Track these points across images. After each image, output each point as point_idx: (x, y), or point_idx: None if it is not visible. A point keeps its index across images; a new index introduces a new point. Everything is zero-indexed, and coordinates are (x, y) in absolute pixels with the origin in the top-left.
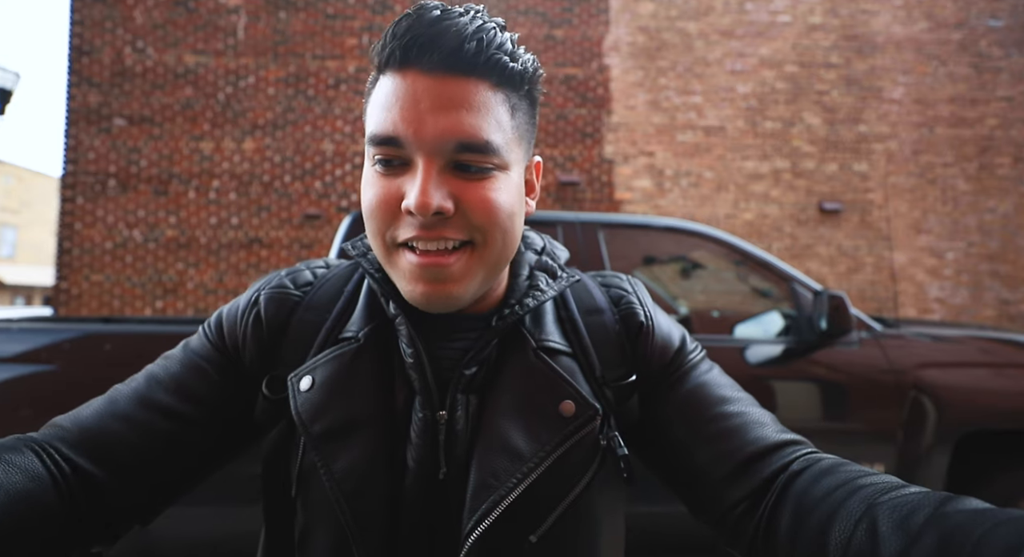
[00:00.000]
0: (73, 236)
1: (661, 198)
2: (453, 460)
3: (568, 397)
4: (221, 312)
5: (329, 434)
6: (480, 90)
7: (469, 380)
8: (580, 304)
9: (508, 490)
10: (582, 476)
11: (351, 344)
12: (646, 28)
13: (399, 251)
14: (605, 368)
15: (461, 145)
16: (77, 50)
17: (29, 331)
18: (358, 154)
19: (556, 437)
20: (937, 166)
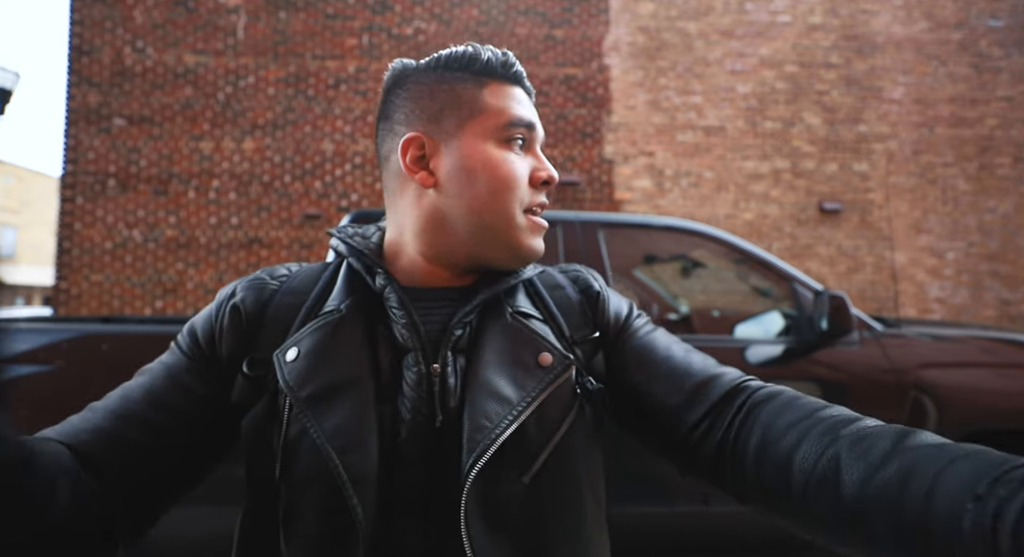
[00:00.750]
0: (73, 236)
1: (661, 198)
2: (447, 411)
3: (545, 350)
4: (192, 322)
5: (317, 396)
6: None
7: (456, 340)
8: (544, 282)
9: (502, 429)
10: (563, 419)
11: (333, 315)
12: (646, 28)
13: (527, 215)
14: (572, 329)
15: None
16: (77, 50)
17: (27, 331)
18: (358, 154)
19: (539, 384)
20: (937, 166)
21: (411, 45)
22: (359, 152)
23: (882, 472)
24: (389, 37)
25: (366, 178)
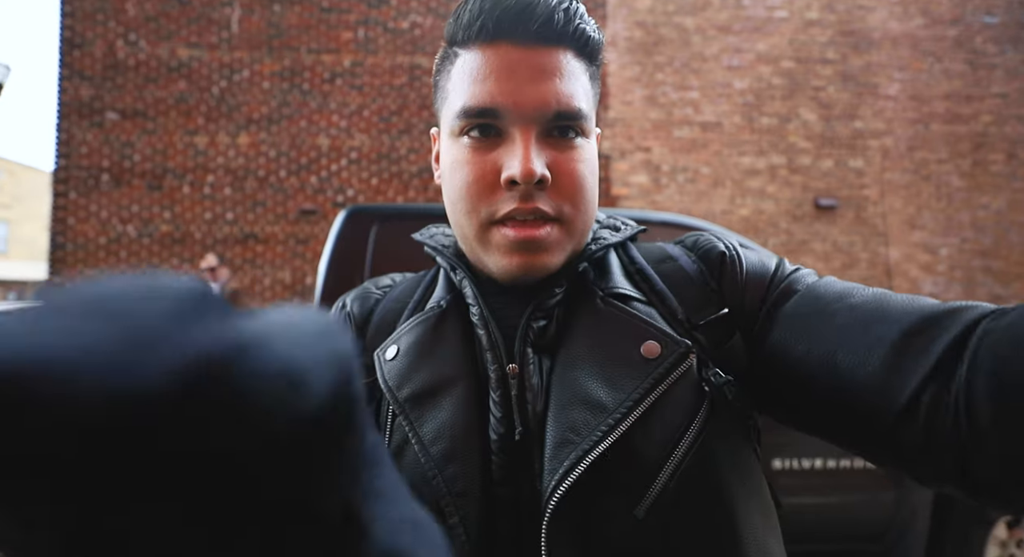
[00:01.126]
0: (66, 231)
1: (658, 193)
2: (529, 419)
3: (650, 337)
4: None
5: (416, 397)
6: (569, 59)
7: (539, 334)
8: (648, 256)
9: (592, 444)
10: (688, 427)
11: (434, 311)
12: (643, 23)
13: (494, 228)
14: (689, 311)
15: (559, 114)
16: (68, 43)
17: None
18: (354, 149)
19: (643, 383)
20: (932, 162)
21: (407, 39)
22: (355, 147)
23: None
24: (385, 31)
25: (362, 173)
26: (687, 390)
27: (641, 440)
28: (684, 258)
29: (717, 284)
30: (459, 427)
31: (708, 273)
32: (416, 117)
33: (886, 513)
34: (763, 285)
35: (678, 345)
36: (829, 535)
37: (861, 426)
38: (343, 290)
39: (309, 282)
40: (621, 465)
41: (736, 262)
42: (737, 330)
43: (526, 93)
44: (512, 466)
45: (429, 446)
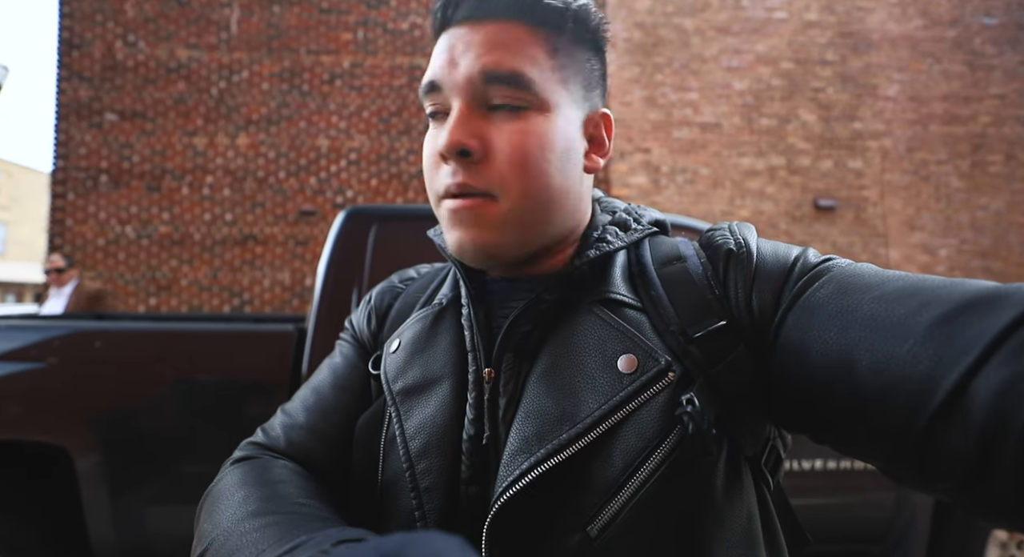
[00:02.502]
0: (64, 232)
1: (657, 195)
2: (498, 423)
3: (629, 351)
4: (349, 318)
5: (407, 392)
6: (513, 29)
7: (521, 339)
8: (657, 256)
9: (546, 454)
10: (653, 451)
11: (435, 307)
12: (642, 24)
13: (441, 203)
14: (686, 321)
15: (489, 75)
16: (67, 43)
17: (19, 328)
18: (353, 150)
19: (612, 398)
20: (931, 163)
21: (406, 40)
22: (354, 148)
23: None
24: (384, 32)
25: (361, 174)
26: (660, 410)
27: (601, 457)
28: (693, 259)
29: (721, 289)
30: (438, 425)
31: (712, 276)
32: (415, 118)
33: (887, 514)
34: (778, 282)
35: (656, 362)
36: (830, 536)
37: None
38: (342, 292)
39: (308, 283)
40: (576, 480)
41: (744, 259)
42: (741, 342)
43: (459, 64)
44: (479, 467)
45: (409, 441)
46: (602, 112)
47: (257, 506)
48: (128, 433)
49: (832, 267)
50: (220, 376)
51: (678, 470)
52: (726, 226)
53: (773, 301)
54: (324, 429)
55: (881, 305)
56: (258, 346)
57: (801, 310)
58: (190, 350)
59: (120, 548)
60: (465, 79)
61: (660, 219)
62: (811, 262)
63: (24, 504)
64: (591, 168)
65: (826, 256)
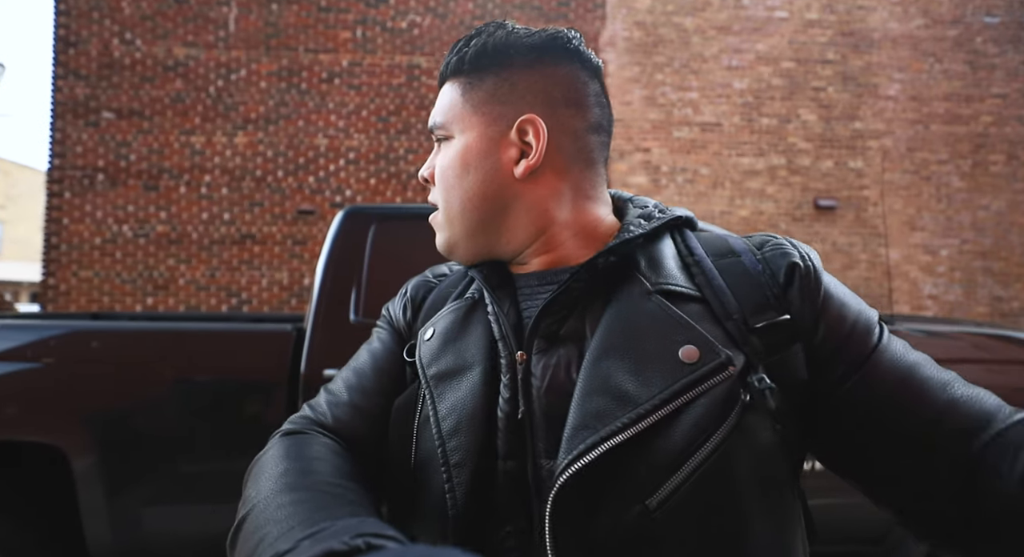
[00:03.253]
0: (61, 231)
1: (657, 194)
2: (532, 402)
3: (690, 342)
4: (386, 306)
5: (440, 377)
6: (445, 89)
7: (552, 324)
8: (710, 250)
9: (611, 432)
10: (711, 433)
11: (467, 300)
12: (642, 23)
13: None
14: (747, 310)
15: (430, 128)
16: (63, 41)
17: (14, 328)
18: (352, 149)
19: (674, 384)
20: (932, 163)
21: (406, 38)
22: (353, 147)
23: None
24: (383, 30)
25: (360, 174)
26: (718, 398)
27: (662, 438)
28: (748, 255)
29: (782, 290)
30: (467, 406)
31: (772, 276)
32: (414, 117)
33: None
34: (846, 328)
35: (717, 355)
36: (830, 537)
37: (905, 501)
38: (341, 291)
39: (307, 283)
40: (638, 458)
41: (812, 277)
42: (799, 341)
43: None
44: (514, 443)
45: (441, 421)
46: (526, 117)
47: (294, 479)
48: (125, 433)
49: (892, 338)
50: (218, 376)
51: (734, 453)
52: (779, 237)
53: (840, 339)
54: (366, 407)
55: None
56: (256, 346)
57: (871, 386)
58: (188, 350)
59: (116, 549)
60: (432, 121)
61: (688, 215)
62: (872, 325)
63: (20, 505)
64: (524, 173)
65: (880, 322)
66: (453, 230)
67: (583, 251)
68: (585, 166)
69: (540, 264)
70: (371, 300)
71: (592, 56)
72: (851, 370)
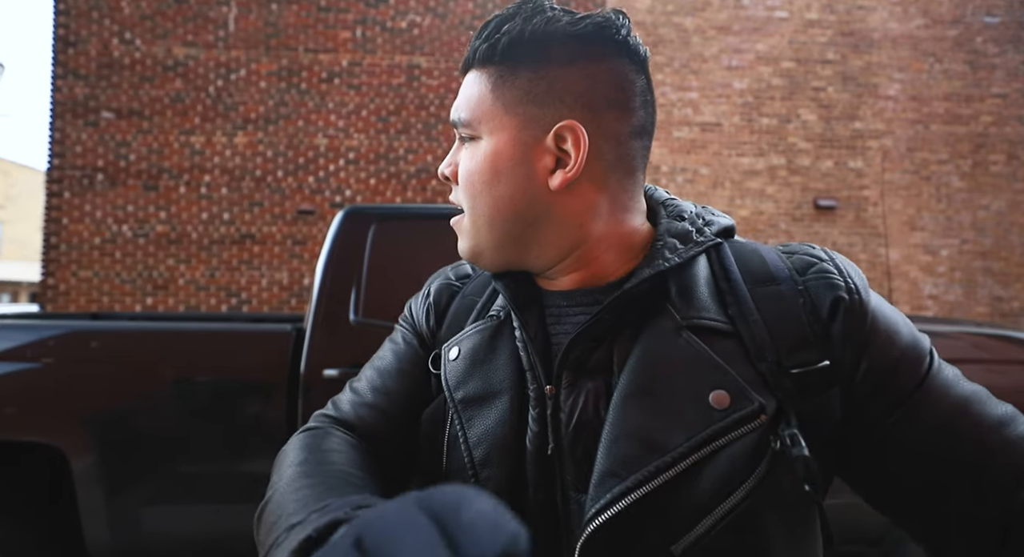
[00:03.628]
0: (60, 231)
1: None
2: (562, 438)
3: (721, 386)
4: (409, 304)
5: (468, 401)
6: (471, 77)
7: (580, 355)
8: (748, 274)
9: (638, 482)
10: (741, 482)
11: (493, 320)
12: (642, 23)
13: None
14: (782, 352)
15: (453, 123)
16: (62, 41)
17: (14, 328)
18: (352, 149)
19: (703, 431)
20: (932, 163)
21: (405, 38)
22: (353, 147)
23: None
24: (383, 30)
25: (360, 174)
26: (748, 447)
27: (689, 486)
28: (789, 283)
29: (824, 328)
30: (499, 437)
31: (814, 311)
32: (414, 117)
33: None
34: (893, 361)
35: (750, 402)
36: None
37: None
38: (341, 291)
39: (306, 283)
40: (665, 504)
41: (859, 311)
42: (837, 385)
43: None
44: (544, 476)
45: (473, 448)
46: (566, 123)
47: (311, 468)
48: (124, 433)
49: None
50: (218, 376)
51: (763, 500)
52: (825, 255)
53: (877, 382)
54: (389, 409)
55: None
56: (256, 346)
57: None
58: (187, 350)
59: (116, 549)
60: (456, 117)
61: (728, 225)
62: (922, 357)
63: (20, 505)
64: (560, 185)
65: (928, 346)
66: (479, 239)
67: (617, 267)
68: (624, 175)
69: (571, 282)
70: (371, 300)
71: (640, 46)
72: (894, 405)
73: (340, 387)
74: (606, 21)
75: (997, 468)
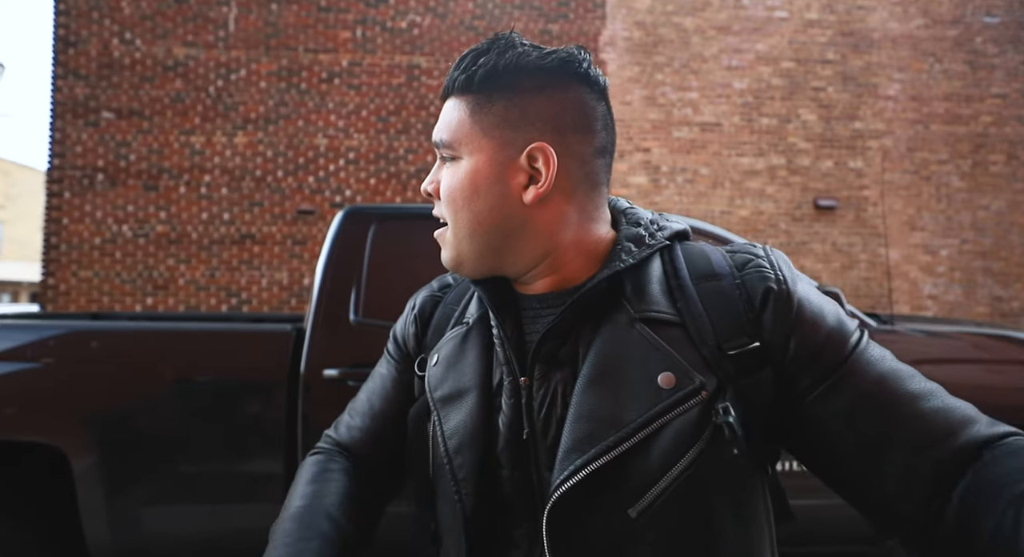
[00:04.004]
0: (60, 231)
1: (657, 194)
2: (535, 423)
3: (668, 369)
4: (393, 329)
5: (445, 399)
6: (451, 104)
7: (551, 351)
8: (695, 271)
9: (597, 454)
10: (686, 451)
11: (463, 327)
12: (642, 23)
13: None
14: (721, 337)
15: (435, 144)
16: (63, 41)
17: (14, 328)
18: (352, 149)
19: (653, 409)
20: (932, 163)
21: (405, 38)
22: (353, 147)
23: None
24: (383, 30)
25: (360, 174)
26: (692, 420)
27: (642, 456)
28: (728, 279)
29: (756, 315)
30: (468, 428)
31: (748, 301)
32: (414, 117)
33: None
34: (816, 344)
35: (692, 381)
36: (828, 537)
37: (870, 508)
38: (341, 291)
39: (306, 283)
40: (621, 473)
41: (783, 301)
42: (769, 365)
43: None
44: (520, 458)
45: (448, 440)
46: (537, 145)
47: (302, 506)
48: (125, 433)
49: (872, 356)
50: (218, 376)
51: (705, 469)
52: (763, 253)
53: (814, 352)
54: (378, 431)
55: (899, 438)
56: (256, 346)
57: (842, 394)
58: (187, 350)
59: (116, 549)
60: (437, 139)
61: (680, 230)
62: (854, 339)
63: (20, 505)
64: (533, 199)
65: (855, 327)
66: (460, 250)
67: (584, 271)
68: (590, 189)
69: (544, 286)
70: (371, 300)
71: (600, 77)
72: (820, 380)
73: (340, 387)
74: (570, 56)
75: (904, 437)
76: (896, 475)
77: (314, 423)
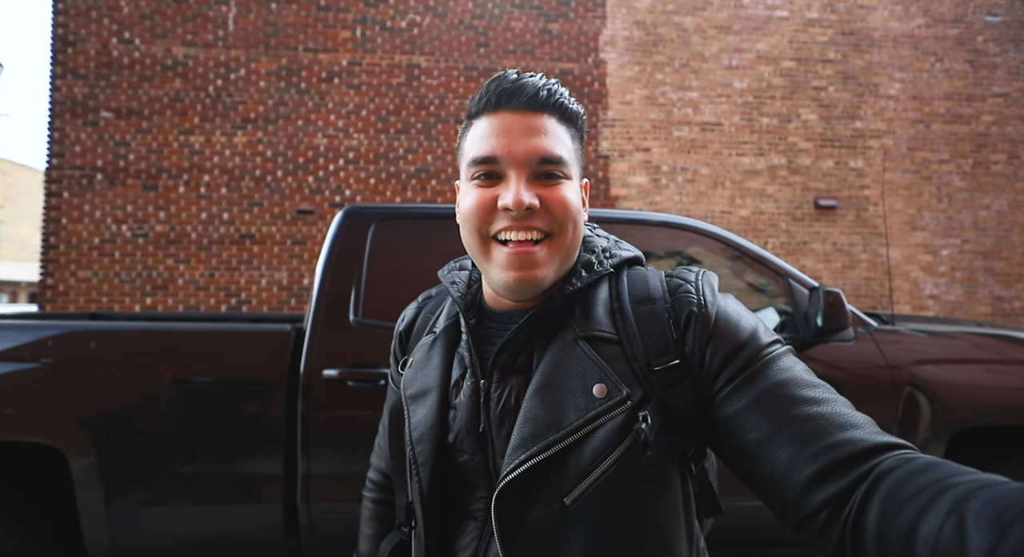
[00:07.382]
0: (59, 231)
1: (657, 194)
2: (491, 419)
3: (602, 381)
4: (392, 348)
5: (412, 397)
6: (552, 122)
7: (508, 359)
8: (634, 295)
9: (539, 451)
10: (612, 450)
11: (432, 336)
12: (642, 23)
13: (493, 245)
14: (651, 354)
15: (543, 159)
16: (61, 40)
17: (12, 328)
18: (351, 149)
19: (587, 414)
20: (933, 163)
21: (405, 38)
22: (352, 147)
23: (1009, 536)
24: (383, 30)
25: (359, 173)
26: (619, 424)
27: (575, 454)
28: (660, 302)
29: (680, 335)
30: (427, 423)
31: (675, 322)
32: (414, 117)
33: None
34: (728, 354)
35: (620, 392)
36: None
37: (778, 507)
38: (341, 291)
39: (306, 283)
40: (558, 468)
41: (703, 322)
42: (689, 377)
43: (518, 144)
44: (478, 446)
45: (412, 432)
46: (584, 182)
47: None
48: (123, 434)
49: (781, 363)
50: (217, 376)
51: (629, 466)
52: (693, 278)
53: (725, 359)
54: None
55: (801, 435)
56: (255, 346)
57: (748, 394)
58: (187, 350)
59: (115, 549)
60: (526, 157)
61: (630, 257)
62: (762, 344)
63: (19, 505)
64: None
65: (773, 340)
66: (559, 267)
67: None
68: None
69: (516, 304)
70: (371, 300)
71: None
72: (731, 380)
73: (340, 387)
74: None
75: (788, 432)
76: (782, 468)
77: (314, 423)
